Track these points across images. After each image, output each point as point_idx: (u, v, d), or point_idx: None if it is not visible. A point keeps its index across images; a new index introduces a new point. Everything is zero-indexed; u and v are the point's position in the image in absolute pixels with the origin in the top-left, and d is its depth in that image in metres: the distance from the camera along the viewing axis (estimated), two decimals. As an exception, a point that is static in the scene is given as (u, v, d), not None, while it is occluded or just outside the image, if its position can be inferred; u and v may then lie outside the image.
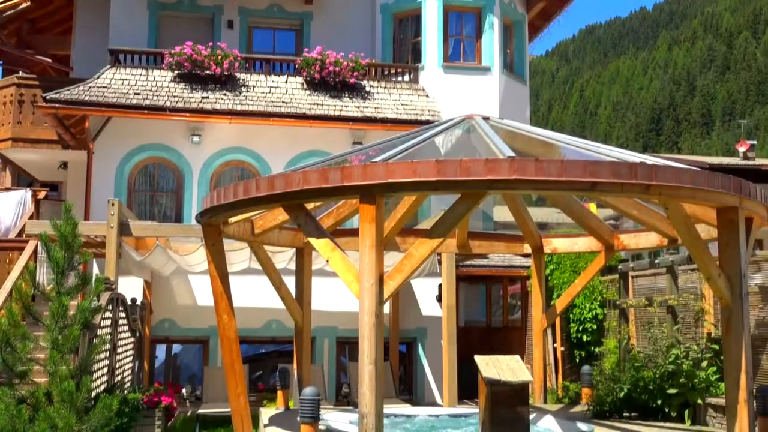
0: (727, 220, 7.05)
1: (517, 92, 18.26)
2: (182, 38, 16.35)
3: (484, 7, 17.61)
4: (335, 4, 18.22)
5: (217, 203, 7.54)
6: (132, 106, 14.94)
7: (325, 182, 6.46)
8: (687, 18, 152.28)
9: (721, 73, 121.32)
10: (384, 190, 6.36)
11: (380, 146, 8.93)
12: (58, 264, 7.23)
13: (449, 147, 9.20)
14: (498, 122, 9.07)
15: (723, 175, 6.68)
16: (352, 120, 15.68)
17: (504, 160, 6.16)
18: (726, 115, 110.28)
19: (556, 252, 11.95)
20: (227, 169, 16.09)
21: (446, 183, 6.14)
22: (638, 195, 7.10)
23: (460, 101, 16.49)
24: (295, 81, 16.43)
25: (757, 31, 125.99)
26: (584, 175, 6.06)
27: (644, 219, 9.52)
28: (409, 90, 16.84)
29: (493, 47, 17.45)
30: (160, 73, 15.95)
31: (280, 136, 15.91)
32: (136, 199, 15.78)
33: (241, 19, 17.96)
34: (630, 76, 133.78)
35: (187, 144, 15.76)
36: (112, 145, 15.54)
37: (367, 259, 6.35)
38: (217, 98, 15.59)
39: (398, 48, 18.05)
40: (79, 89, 15.03)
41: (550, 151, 8.67)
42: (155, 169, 15.94)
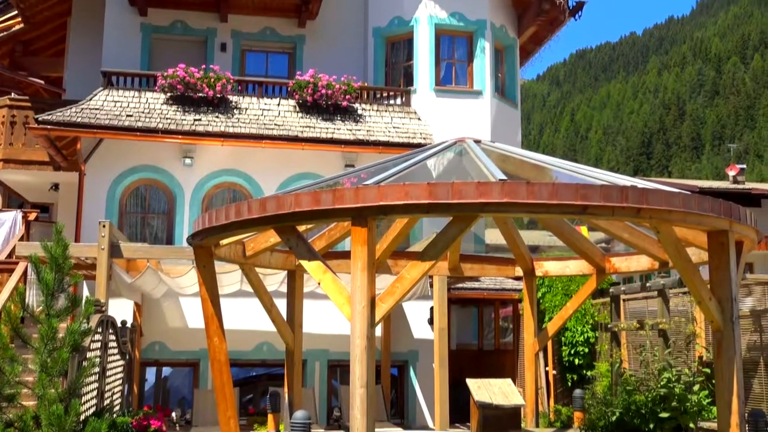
0: (718, 243, 7.08)
1: (509, 116, 18.36)
2: (175, 60, 16.41)
3: (475, 32, 17.75)
4: (328, 28, 18.34)
5: (208, 225, 7.52)
6: (124, 127, 14.95)
7: (317, 205, 6.46)
8: (676, 43, 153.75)
9: (710, 98, 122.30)
10: (376, 213, 6.36)
11: (372, 169, 8.95)
12: (48, 286, 7.18)
13: (441, 170, 9.21)
14: (489, 145, 9.11)
15: (713, 199, 6.71)
16: (344, 143, 15.72)
17: (495, 183, 6.18)
18: (716, 139, 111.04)
19: (547, 275, 11.96)
20: (219, 191, 16.08)
21: (438, 206, 6.15)
22: (629, 218, 7.13)
23: (451, 124, 16.57)
24: (288, 104, 16.48)
25: (746, 56, 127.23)
26: (575, 198, 6.08)
27: (635, 242, 9.55)
28: (401, 113, 16.91)
29: (484, 71, 17.57)
30: (153, 96, 15.97)
31: (272, 158, 15.92)
32: (128, 221, 15.74)
33: (234, 42, 18.04)
34: (620, 100, 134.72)
35: (179, 166, 15.76)
36: (104, 167, 15.52)
37: (359, 281, 6.34)
38: (210, 120, 15.61)
39: (390, 71, 18.15)
40: (72, 111, 15.04)
41: (542, 174, 8.70)
42: (147, 191, 15.93)
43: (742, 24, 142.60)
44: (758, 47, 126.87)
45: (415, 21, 17.62)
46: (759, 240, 7.61)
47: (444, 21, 17.60)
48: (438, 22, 17.57)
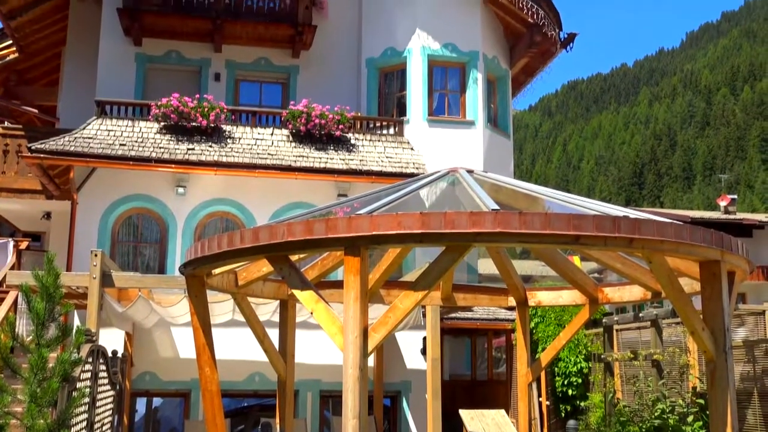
0: (710, 273, 7.08)
1: (501, 146, 18.46)
2: (169, 90, 16.48)
3: (468, 63, 17.90)
4: (322, 59, 18.46)
5: (201, 254, 7.50)
6: (117, 156, 14.96)
7: (310, 234, 6.45)
8: (667, 75, 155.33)
9: (701, 129, 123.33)
10: (369, 242, 6.35)
11: (365, 198, 8.95)
12: (38, 315, 7.14)
13: (434, 199, 9.23)
14: (482, 175, 9.13)
15: (705, 229, 6.73)
16: (338, 172, 15.76)
17: (488, 213, 6.19)
18: (707, 170, 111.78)
19: (540, 305, 11.94)
20: (212, 221, 16.07)
21: (431, 235, 6.15)
22: (622, 248, 7.13)
23: (444, 154, 16.64)
24: (281, 133, 16.53)
25: (736, 88, 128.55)
26: (568, 228, 6.09)
27: (628, 272, 9.55)
28: (394, 143, 16.98)
29: (477, 102, 17.68)
30: (146, 125, 16.01)
31: (265, 187, 15.94)
32: (120, 250, 15.70)
33: (228, 72, 18.14)
34: (612, 131, 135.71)
35: (171, 195, 15.75)
36: (97, 196, 15.51)
37: (352, 311, 6.32)
38: (203, 150, 15.64)
39: (383, 101, 18.25)
40: (65, 140, 15.05)
41: (534, 204, 8.72)
42: (139, 220, 15.90)
43: (731, 56, 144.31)
44: (747, 79, 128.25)
45: (408, 52, 17.77)
46: (751, 270, 7.63)
47: (437, 52, 17.75)
48: (431, 53, 17.72)
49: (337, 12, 18.55)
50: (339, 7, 18.59)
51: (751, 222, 27.95)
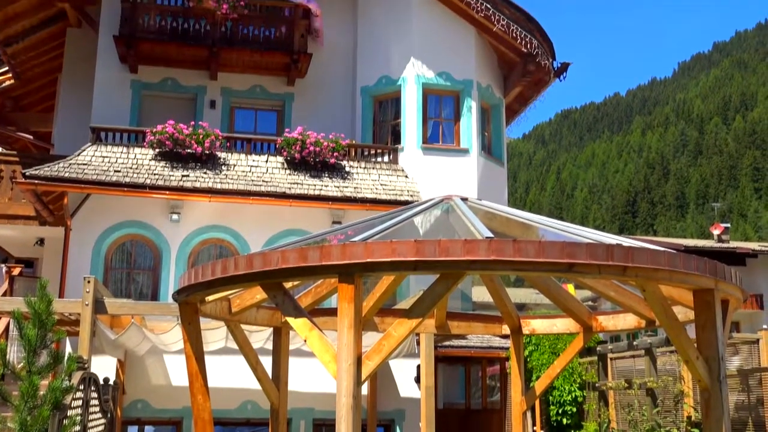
0: (704, 302, 7.09)
1: (495, 174, 18.52)
2: (164, 117, 16.52)
3: (462, 91, 18.01)
4: (317, 86, 18.55)
5: (194, 281, 7.48)
6: (111, 183, 14.96)
7: (304, 261, 6.44)
8: (659, 104, 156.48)
9: (693, 158, 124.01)
10: (363, 270, 6.35)
11: (359, 226, 8.96)
12: (30, 342, 7.09)
13: (428, 227, 9.24)
14: (476, 203, 9.15)
15: (698, 258, 6.74)
16: (332, 199, 15.78)
17: (482, 240, 6.20)
18: (700, 198, 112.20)
19: (534, 333, 11.91)
20: (205, 248, 16.04)
21: (425, 263, 6.15)
22: (615, 277, 7.14)
23: (439, 182, 16.68)
24: (276, 160, 16.57)
25: (727, 117, 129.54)
26: (562, 256, 6.10)
27: (622, 300, 9.55)
28: (388, 170, 17.03)
29: (471, 130, 17.77)
30: (141, 151, 16.03)
31: (259, 214, 15.94)
32: (113, 277, 15.64)
33: (223, 99, 18.21)
34: (605, 159, 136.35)
35: (165, 222, 15.74)
36: (90, 222, 15.48)
37: (345, 339, 6.30)
38: (198, 176, 15.66)
39: (378, 129, 18.33)
40: (60, 166, 15.06)
41: (528, 232, 8.73)
42: (133, 246, 15.87)
43: (722, 86, 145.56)
44: (739, 109, 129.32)
45: (403, 80, 17.87)
46: (744, 299, 7.63)
47: (431, 80, 17.86)
48: (425, 82, 17.83)
49: (332, 40, 18.69)
50: (334, 36, 18.72)
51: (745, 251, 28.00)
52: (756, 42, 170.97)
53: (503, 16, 17.35)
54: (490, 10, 17.30)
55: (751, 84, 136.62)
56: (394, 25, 18.19)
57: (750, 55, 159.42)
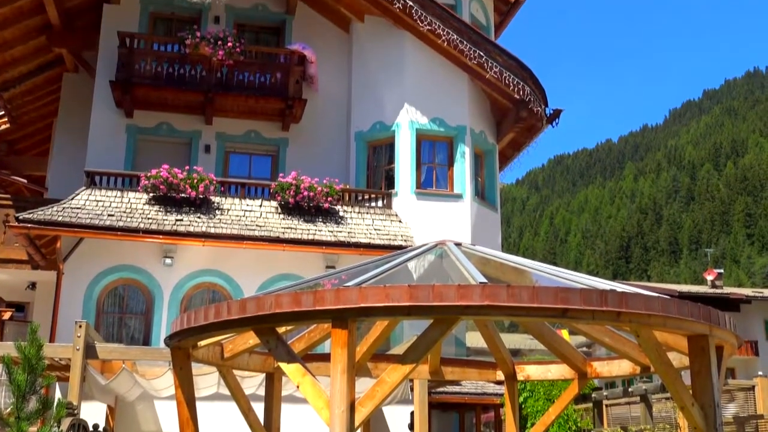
0: (698, 348, 7.06)
1: (489, 219, 18.56)
2: (159, 161, 16.57)
3: (455, 137, 18.13)
4: (311, 132, 18.67)
5: (187, 326, 7.43)
6: (105, 227, 14.94)
7: (298, 306, 6.42)
8: (651, 150, 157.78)
9: (686, 203, 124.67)
10: (356, 315, 6.32)
11: (353, 271, 8.94)
12: (19, 388, 7.01)
13: (422, 272, 9.23)
14: (470, 248, 9.15)
15: (692, 304, 6.74)
16: (326, 244, 15.77)
17: (476, 286, 6.19)
18: (693, 244, 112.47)
19: (529, 379, 11.81)
20: (198, 292, 15.97)
21: (419, 308, 6.13)
22: (609, 322, 7.11)
23: (432, 227, 16.70)
24: (270, 205, 16.59)
25: (719, 163, 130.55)
26: (555, 301, 6.09)
27: (616, 346, 9.51)
28: (382, 215, 17.05)
29: (464, 175, 17.85)
30: (135, 195, 16.04)
31: (253, 259, 15.90)
32: (104, 321, 15.53)
33: (218, 144, 18.29)
34: (598, 205, 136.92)
35: (158, 266, 15.68)
36: (83, 266, 15.42)
37: (339, 385, 6.24)
38: (191, 221, 15.65)
39: (372, 174, 18.40)
40: (53, 209, 15.05)
41: (522, 277, 8.73)
42: (125, 290, 15.79)
43: (713, 133, 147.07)
44: (730, 155, 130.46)
45: (397, 126, 18.01)
46: (739, 345, 7.61)
47: (425, 126, 18.00)
48: (419, 127, 17.96)
49: (326, 86, 18.86)
50: (329, 81, 18.90)
51: (738, 296, 28.01)
52: (745, 90, 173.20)
53: (496, 64, 17.57)
54: (483, 58, 17.51)
55: (742, 131, 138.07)
56: (388, 71, 18.39)
57: (740, 103, 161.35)
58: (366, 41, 18.90)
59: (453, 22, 17.63)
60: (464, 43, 17.51)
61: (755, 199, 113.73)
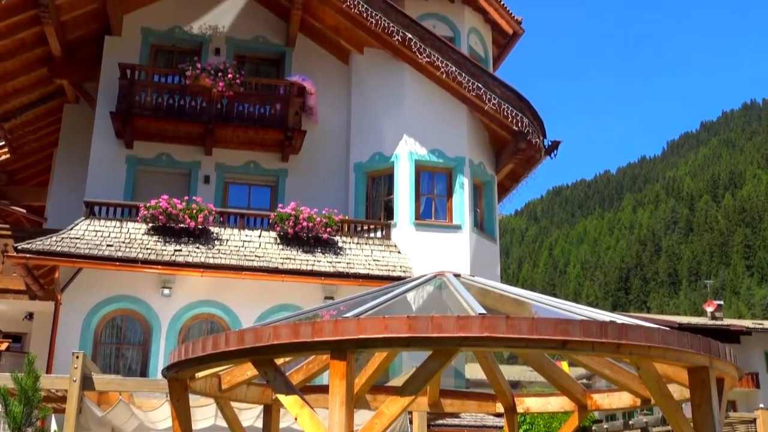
0: (699, 380, 7.02)
1: (488, 250, 18.55)
2: (159, 191, 16.59)
3: (454, 168, 18.19)
4: (310, 162, 18.72)
5: (185, 357, 7.39)
6: (103, 257, 14.92)
7: (296, 337, 6.39)
8: (649, 182, 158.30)
9: (685, 235, 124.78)
10: (355, 346, 6.30)
11: (352, 302, 8.92)
12: (15, 420, 6.96)
13: (421, 303, 9.21)
14: (469, 279, 9.14)
15: (692, 335, 6.72)
16: (324, 275, 15.74)
17: (475, 317, 6.18)
18: (692, 275, 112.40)
19: (528, 411, 11.74)
20: (196, 323, 15.90)
21: (418, 339, 6.11)
22: (609, 354, 7.08)
23: (431, 258, 16.69)
24: (269, 235, 16.59)
25: (717, 195, 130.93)
26: (555, 333, 6.07)
27: (617, 378, 9.46)
28: (381, 246, 17.04)
29: (463, 206, 17.88)
30: (134, 226, 16.04)
31: (251, 290, 15.86)
32: (102, 352, 15.44)
33: (217, 175, 18.33)
34: (597, 236, 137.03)
35: (157, 296, 15.63)
36: (81, 297, 15.37)
37: (337, 417, 6.20)
38: (190, 251, 15.63)
39: (371, 205, 18.42)
40: (52, 240, 15.03)
41: (521, 308, 8.71)
42: (123, 321, 15.73)
43: (711, 164, 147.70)
44: (728, 187, 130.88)
45: (396, 157, 18.07)
46: (740, 377, 7.57)
47: (424, 157, 18.06)
48: (418, 159, 18.02)
49: (326, 117, 18.96)
50: (328, 112, 19.00)
51: (739, 328, 27.91)
52: (742, 122, 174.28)
53: (494, 96, 17.68)
54: (481, 89, 17.63)
55: (739, 162, 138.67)
56: (387, 102, 18.49)
57: (737, 135, 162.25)
58: (365, 73, 19.03)
59: (452, 54, 17.77)
60: (463, 75, 17.63)
61: (754, 231, 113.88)
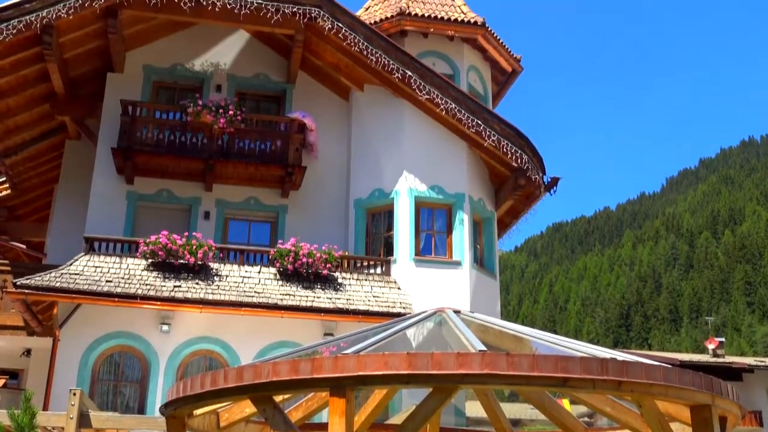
0: (701, 418, 6.97)
1: (488, 286, 18.51)
2: (159, 227, 16.60)
3: (454, 205, 18.22)
4: (310, 199, 18.76)
5: (183, 394, 7.34)
6: (102, 293, 14.88)
7: (295, 374, 6.35)
8: (649, 218, 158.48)
9: (685, 271, 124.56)
10: (355, 383, 6.26)
11: (351, 338, 8.89)
12: (10, 457, 6.89)
13: (421, 340, 9.17)
14: (469, 316, 9.11)
15: (694, 373, 6.68)
16: (324, 311, 15.69)
17: (475, 354, 6.15)
18: (693, 312, 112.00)
19: (530, 450, 11.64)
20: (195, 359, 15.81)
21: (417, 376, 6.07)
22: (610, 391, 7.04)
23: (431, 294, 16.65)
24: (268, 271, 16.56)
25: (717, 231, 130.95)
26: (556, 370, 6.04)
27: (618, 416, 9.38)
28: (381, 282, 17.01)
29: (463, 242, 17.87)
30: (134, 261, 16.02)
31: (250, 326, 15.79)
32: (99, 389, 15.33)
33: (217, 211, 18.35)
34: (597, 273, 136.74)
35: (155, 333, 15.56)
36: (79, 333, 15.29)
37: (336, 455, 6.13)
38: (189, 287, 15.60)
39: (371, 241, 18.42)
40: (51, 275, 15.00)
41: (522, 345, 8.67)
42: (121, 357, 15.63)
43: (710, 201, 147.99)
44: (728, 223, 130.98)
45: (396, 193, 18.11)
46: (743, 415, 7.51)
47: (423, 194, 18.10)
48: (418, 195, 18.06)
49: (326, 153, 19.05)
50: (328, 149, 19.09)
51: (741, 366, 27.74)
52: (741, 159, 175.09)
53: (494, 132, 17.78)
54: (481, 126, 17.73)
55: (738, 199, 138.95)
56: (388, 139, 18.59)
57: (736, 171, 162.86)
58: (365, 109, 19.16)
59: (451, 91, 17.91)
60: (462, 112, 17.75)
61: (754, 267, 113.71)
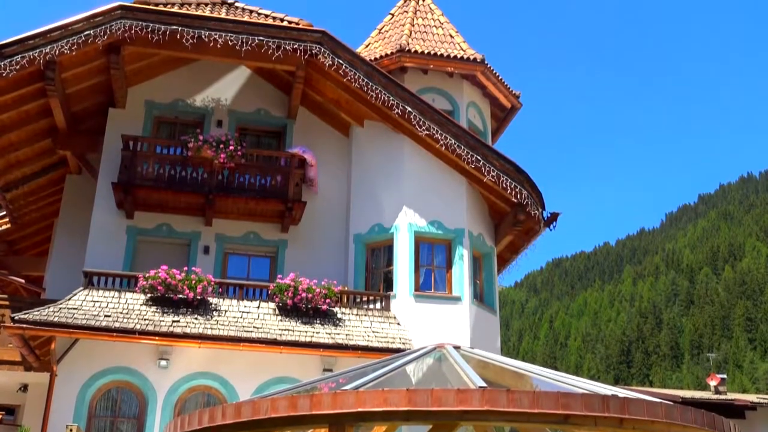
0: (704, 456, 6.90)
1: (488, 322, 18.43)
2: (158, 261, 16.57)
3: (453, 240, 18.21)
4: (310, 233, 18.75)
5: (180, 431, 7.28)
6: (101, 328, 14.79)
7: (294, 410, 6.31)
8: (649, 254, 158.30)
9: (686, 307, 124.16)
10: (354, 419, 6.22)
11: (351, 374, 8.84)
12: (5, 495, 6.81)
13: (420, 376, 9.11)
14: (469, 352, 9.07)
15: (696, 410, 6.63)
16: (323, 347, 15.60)
17: (475, 390, 6.11)
18: (694, 348, 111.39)
19: (531, 488, 11.49)
20: (193, 395, 15.68)
21: (417, 413, 6.03)
22: (612, 428, 6.98)
23: (431, 329, 16.57)
24: (268, 306, 16.50)
25: (717, 267, 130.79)
26: (557, 407, 6.00)
27: (620, 454, 9.27)
28: (380, 317, 16.94)
29: (463, 278, 17.84)
30: (133, 296, 15.97)
31: (249, 361, 15.70)
32: (96, 425, 15.18)
33: (217, 246, 18.33)
34: (598, 309, 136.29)
35: (153, 368, 15.46)
36: (77, 368, 15.19)
37: (335, 493, 6.07)
38: (188, 322, 15.53)
39: (370, 276, 18.38)
40: (49, 310, 14.94)
41: (522, 381, 8.61)
42: (119, 393, 15.50)
43: (710, 237, 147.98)
44: (728, 259, 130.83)
45: (395, 228, 18.12)
46: (745, 453, 7.46)
47: (423, 229, 18.10)
48: (417, 230, 18.06)
49: (326, 188, 19.09)
50: (328, 184, 19.14)
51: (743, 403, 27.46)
52: (740, 195, 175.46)
53: (493, 168, 17.83)
54: (480, 162, 17.80)
55: (738, 235, 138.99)
56: (387, 174, 18.64)
57: (735, 207, 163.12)
58: (365, 145, 19.25)
59: (451, 127, 18.00)
60: (462, 148, 17.83)
61: (755, 303, 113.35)
